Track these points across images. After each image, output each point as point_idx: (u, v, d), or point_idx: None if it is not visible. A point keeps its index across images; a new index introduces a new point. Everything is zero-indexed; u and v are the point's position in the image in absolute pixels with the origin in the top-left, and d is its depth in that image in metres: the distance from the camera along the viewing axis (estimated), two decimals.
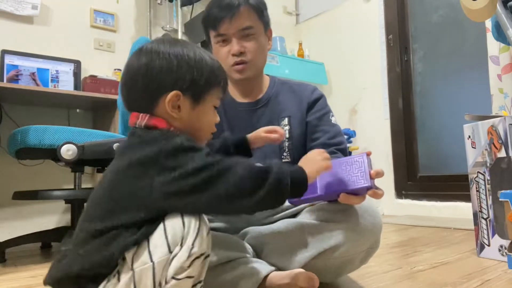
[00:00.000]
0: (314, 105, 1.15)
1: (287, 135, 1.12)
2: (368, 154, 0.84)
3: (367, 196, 0.84)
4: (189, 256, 0.61)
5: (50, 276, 0.65)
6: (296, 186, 0.69)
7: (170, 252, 0.61)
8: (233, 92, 1.17)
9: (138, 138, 0.69)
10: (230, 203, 0.65)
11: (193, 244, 0.62)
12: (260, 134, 0.97)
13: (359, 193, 0.82)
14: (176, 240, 0.61)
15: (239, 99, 1.16)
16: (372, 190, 0.80)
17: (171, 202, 0.63)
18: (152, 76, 0.69)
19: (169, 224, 0.62)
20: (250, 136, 0.97)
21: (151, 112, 0.70)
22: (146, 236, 0.62)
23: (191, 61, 0.71)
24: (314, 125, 1.12)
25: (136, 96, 0.72)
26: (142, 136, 0.69)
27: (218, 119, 0.77)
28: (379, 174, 0.81)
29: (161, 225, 0.62)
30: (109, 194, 0.66)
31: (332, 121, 1.14)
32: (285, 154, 1.11)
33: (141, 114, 0.70)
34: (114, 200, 0.65)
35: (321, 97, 1.17)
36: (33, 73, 2.27)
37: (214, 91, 0.74)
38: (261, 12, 1.09)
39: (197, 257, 0.63)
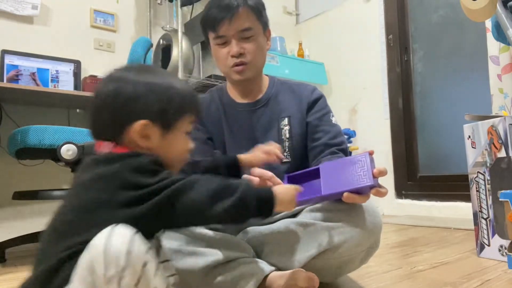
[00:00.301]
0: (314, 105, 1.15)
1: (287, 135, 1.12)
2: (371, 153, 0.84)
3: (366, 201, 0.84)
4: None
5: None
6: (263, 203, 0.67)
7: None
8: (233, 93, 1.17)
9: (103, 157, 0.67)
10: (193, 218, 0.63)
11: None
12: (259, 155, 0.95)
13: (362, 192, 0.82)
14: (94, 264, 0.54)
15: (239, 99, 1.16)
16: (375, 188, 0.80)
17: (133, 219, 0.59)
18: (119, 104, 0.67)
19: (92, 243, 0.55)
20: (246, 156, 0.95)
21: (118, 141, 0.68)
22: None
23: (160, 88, 0.69)
24: (315, 125, 1.12)
25: (103, 124, 0.69)
26: (108, 155, 0.67)
27: (191, 145, 0.75)
28: (382, 173, 0.81)
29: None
30: (71, 210, 0.63)
31: (333, 121, 1.14)
32: (285, 154, 1.11)
33: (106, 142, 0.68)
34: (76, 217, 0.61)
35: (321, 97, 1.17)
36: (33, 73, 2.28)
37: (185, 118, 0.72)
38: (259, 12, 1.09)
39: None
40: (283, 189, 0.71)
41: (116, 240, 0.54)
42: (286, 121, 1.13)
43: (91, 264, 0.54)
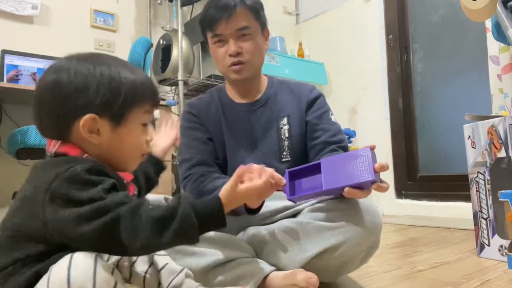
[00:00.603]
0: (313, 104, 1.15)
1: (287, 135, 1.12)
2: (372, 148, 0.83)
3: (367, 196, 0.84)
4: None
5: None
6: (209, 218, 0.63)
7: None
8: (232, 93, 1.17)
9: (42, 165, 0.62)
10: (124, 250, 0.57)
11: None
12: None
13: (363, 187, 0.81)
14: None
15: (238, 99, 1.16)
16: (376, 184, 0.80)
17: (63, 238, 0.56)
18: (60, 98, 0.62)
19: (53, 274, 0.52)
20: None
21: (65, 138, 0.63)
22: (45, 271, 0.53)
23: (104, 78, 0.63)
24: (314, 124, 1.12)
25: (47, 121, 0.64)
26: (49, 160, 0.63)
27: (148, 137, 0.70)
28: (384, 168, 0.81)
29: (48, 272, 0.52)
30: (15, 221, 0.59)
31: (332, 120, 1.14)
32: (284, 153, 1.11)
33: (53, 141, 0.64)
34: (12, 231, 0.58)
35: (319, 96, 1.17)
36: (34, 73, 2.27)
37: (138, 108, 0.67)
38: (257, 12, 1.09)
39: None
40: (227, 192, 0.67)
41: (78, 271, 0.51)
42: (285, 120, 1.13)
43: None
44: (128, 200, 0.58)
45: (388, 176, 2.82)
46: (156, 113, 1.96)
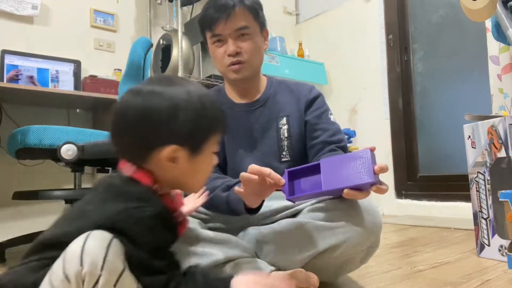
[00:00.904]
0: (312, 104, 1.15)
1: (286, 134, 1.12)
2: (372, 150, 0.83)
3: (367, 197, 0.84)
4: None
5: None
6: None
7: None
8: (231, 93, 1.17)
9: (115, 189, 0.65)
10: None
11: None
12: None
13: (363, 189, 0.81)
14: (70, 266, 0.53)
15: (237, 100, 1.16)
16: (376, 185, 0.80)
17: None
18: (147, 127, 0.63)
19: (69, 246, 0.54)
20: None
21: (142, 164, 0.65)
22: None
23: (190, 109, 0.64)
24: (313, 123, 1.12)
25: (129, 143, 0.66)
26: (120, 189, 0.64)
27: (216, 161, 0.72)
28: (383, 170, 0.81)
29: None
30: (58, 226, 0.62)
31: (331, 119, 1.14)
32: (284, 153, 1.11)
33: (129, 163, 0.66)
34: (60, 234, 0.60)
35: (319, 95, 1.17)
36: (31, 76, 2.26)
37: (213, 138, 0.68)
38: (256, 12, 1.09)
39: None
40: (242, 284, 0.65)
41: (93, 242, 0.54)
42: (284, 120, 1.13)
43: (67, 264, 0.53)
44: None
45: (388, 176, 2.82)
46: None
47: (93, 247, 0.53)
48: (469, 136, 1.39)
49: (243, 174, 0.83)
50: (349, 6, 3.23)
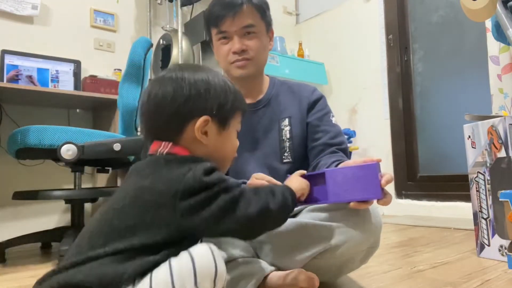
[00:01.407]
0: (314, 106, 1.15)
1: (288, 136, 1.12)
2: (379, 162, 0.83)
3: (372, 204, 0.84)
4: None
5: (48, 284, 0.62)
6: (293, 201, 0.74)
7: None
8: None
9: (164, 160, 0.68)
10: (251, 226, 0.66)
11: None
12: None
13: (367, 201, 0.82)
14: (184, 284, 0.56)
15: None
16: (382, 200, 0.80)
17: (194, 222, 0.61)
18: (180, 103, 0.68)
19: (176, 264, 0.57)
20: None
21: (175, 140, 0.69)
22: (168, 257, 0.58)
23: (217, 86, 0.71)
24: (315, 125, 1.12)
25: (162, 124, 0.70)
26: (168, 159, 0.68)
27: (238, 143, 0.77)
28: (389, 182, 0.81)
29: (167, 263, 0.57)
30: (127, 212, 0.63)
31: (333, 122, 1.14)
32: (286, 154, 1.11)
33: (164, 142, 0.69)
34: (132, 219, 0.62)
35: (321, 97, 1.17)
36: (30, 76, 2.26)
37: (237, 115, 0.75)
38: (263, 12, 1.09)
39: None
40: (295, 183, 0.78)
41: (204, 257, 0.58)
42: (286, 121, 1.13)
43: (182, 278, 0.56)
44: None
45: None
46: None
47: (205, 263, 0.58)
48: (469, 136, 1.39)
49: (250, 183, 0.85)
50: (349, 6, 3.23)
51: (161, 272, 0.56)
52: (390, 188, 2.80)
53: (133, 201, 0.63)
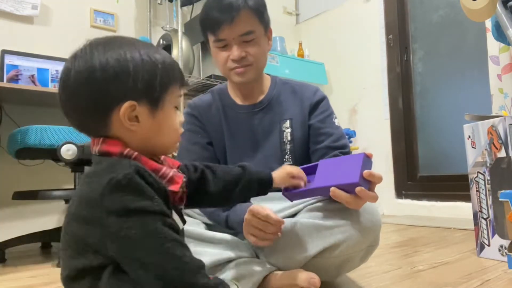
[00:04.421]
0: (316, 107, 1.13)
1: (289, 138, 1.10)
2: (369, 156, 0.83)
3: (355, 204, 0.84)
4: None
5: None
6: None
7: None
8: (234, 94, 1.16)
9: (91, 169, 0.62)
10: None
11: None
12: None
13: (349, 191, 0.81)
14: None
15: (240, 101, 1.15)
16: (360, 187, 0.79)
17: (119, 258, 0.55)
18: (97, 89, 0.58)
19: None
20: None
21: (105, 133, 0.61)
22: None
23: (138, 62, 0.60)
24: (317, 127, 1.10)
25: (83, 116, 0.61)
26: (91, 169, 0.62)
27: (182, 118, 0.69)
28: (373, 177, 0.80)
29: None
30: (69, 237, 0.60)
31: (335, 123, 1.12)
32: (286, 157, 1.10)
33: (95, 139, 0.62)
34: (75, 243, 0.59)
35: (323, 98, 1.15)
36: (33, 75, 2.27)
37: (171, 90, 0.64)
38: (261, 14, 1.06)
39: None
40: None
41: None
42: (288, 123, 1.11)
43: None
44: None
45: (388, 176, 2.82)
46: None
47: None
48: (469, 136, 1.39)
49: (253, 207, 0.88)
50: (349, 6, 3.23)
51: None
52: (391, 188, 2.81)
53: (68, 224, 0.61)
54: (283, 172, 0.87)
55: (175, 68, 0.65)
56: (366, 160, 0.82)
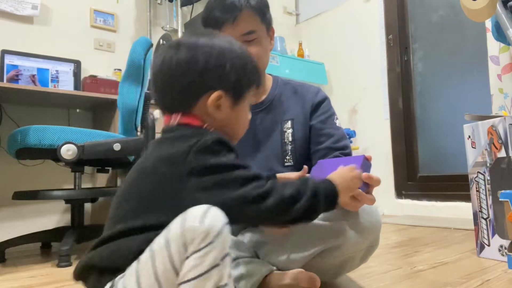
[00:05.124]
0: (318, 108, 1.13)
1: (290, 138, 1.10)
2: (368, 158, 0.83)
3: (353, 206, 0.83)
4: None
5: (77, 266, 0.62)
6: (330, 197, 0.68)
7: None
8: None
9: (169, 134, 0.66)
10: (272, 218, 0.63)
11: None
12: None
13: None
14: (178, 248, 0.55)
15: None
16: (358, 190, 0.78)
17: (198, 198, 0.58)
18: (195, 75, 0.65)
19: (171, 226, 0.55)
20: (279, 177, 0.89)
21: (187, 111, 0.67)
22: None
23: (236, 57, 0.68)
24: (318, 128, 1.10)
25: (174, 96, 0.67)
26: (173, 134, 0.66)
27: (250, 116, 0.75)
28: (371, 179, 0.79)
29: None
30: (135, 192, 0.63)
31: (337, 124, 1.12)
32: (287, 157, 1.10)
33: (174, 115, 0.67)
34: (141, 199, 0.61)
35: (325, 99, 1.15)
36: (33, 75, 2.27)
37: (251, 88, 0.72)
38: (263, 13, 1.06)
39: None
40: (339, 178, 0.70)
41: (217, 211, 0.56)
42: (289, 124, 1.11)
43: (187, 221, 0.54)
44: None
45: (388, 176, 2.82)
46: (156, 112, 1.95)
47: (216, 214, 0.56)
48: (469, 136, 1.39)
49: None
50: (349, 6, 3.23)
51: (158, 238, 0.55)
52: (391, 188, 2.81)
53: (137, 184, 0.63)
54: (288, 175, 0.88)
55: (258, 69, 0.73)
56: (365, 162, 0.81)
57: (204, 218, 0.54)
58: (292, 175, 0.87)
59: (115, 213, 0.63)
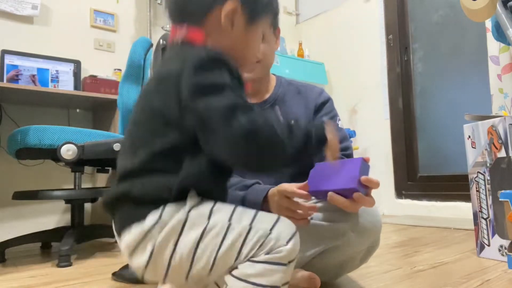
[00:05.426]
0: (321, 109, 1.13)
1: None
2: (366, 160, 0.83)
3: (352, 208, 0.83)
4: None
5: (107, 196, 0.62)
6: (319, 136, 0.67)
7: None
8: None
9: (170, 54, 0.64)
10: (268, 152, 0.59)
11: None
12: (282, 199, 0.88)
13: (346, 196, 0.81)
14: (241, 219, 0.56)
15: None
16: (358, 193, 0.79)
17: (196, 105, 0.55)
18: None
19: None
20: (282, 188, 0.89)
21: (197, 21, 0.64)
22: (194, 167, 0.56)
23: None
24: None
25: (188, 3, 0.65)
26: (174, 53, 0.64)
27: (262, 48, 0.73)
28: (371, 182, 0.79)
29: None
30: (145, 112, 0.61)
31: (339, 125, 1.12)
32: None
33: (178, 26, 0.64)
34: (146, 123, 0.60)
35: (328, 100, 1.15)
36: (34, 75, 2.27)
37: (269, 16, 0.70)
38: None
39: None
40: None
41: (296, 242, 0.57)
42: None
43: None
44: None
45: (388, 176, 2.82)
46: None
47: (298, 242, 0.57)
48: (469, 136, 1.39)
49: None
50: (349, 6, 3.23)
51: (244, 217, 0.56)
52: (391, 188, 2.81)
53: (142, 107, 0.62)
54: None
55: (278, 5, 0.75)
56: (364, 164, 0.81)
57: (290, 239, 0.56)
58: (294, 186, 0.86)
59: (131, 141, 0.62)
